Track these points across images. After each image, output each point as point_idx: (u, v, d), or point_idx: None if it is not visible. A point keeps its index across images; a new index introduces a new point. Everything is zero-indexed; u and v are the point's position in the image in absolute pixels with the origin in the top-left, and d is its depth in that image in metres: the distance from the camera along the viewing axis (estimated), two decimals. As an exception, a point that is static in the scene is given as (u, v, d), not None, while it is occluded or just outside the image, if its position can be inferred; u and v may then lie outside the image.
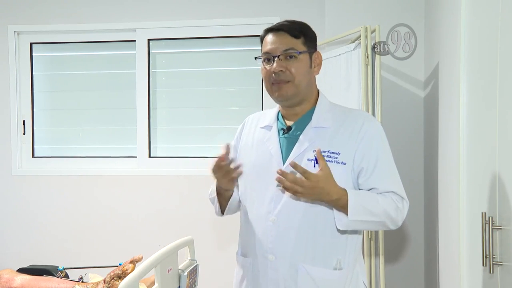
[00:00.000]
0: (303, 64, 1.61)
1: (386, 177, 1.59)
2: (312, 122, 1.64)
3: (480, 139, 1.75)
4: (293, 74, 1.59)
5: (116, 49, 3.65)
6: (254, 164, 1.67)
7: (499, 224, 1.57)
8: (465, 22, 1.82)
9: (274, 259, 1.60)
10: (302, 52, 1.60)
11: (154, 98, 3.59)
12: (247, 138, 1.76)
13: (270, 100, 3.38)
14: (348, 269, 1.61)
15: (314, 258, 1.58)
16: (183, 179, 3.48)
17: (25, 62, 3.68)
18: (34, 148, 3.70)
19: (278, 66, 1.59)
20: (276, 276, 1.60)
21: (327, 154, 1.58)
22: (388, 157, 1.62)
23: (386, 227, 1.59)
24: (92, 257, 3.30)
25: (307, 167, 1.55)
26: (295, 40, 1.61)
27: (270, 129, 1.70)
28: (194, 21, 3.47)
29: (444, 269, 2.34)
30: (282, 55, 1.59)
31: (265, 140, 1.69)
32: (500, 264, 1.54)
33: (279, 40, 1.61)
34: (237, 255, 1.79)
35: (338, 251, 1.59)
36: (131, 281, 1.47)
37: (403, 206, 1.59)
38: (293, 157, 1.60)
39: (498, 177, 1.61)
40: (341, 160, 1.58)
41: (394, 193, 1.58)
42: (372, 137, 1.60)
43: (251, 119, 1.81)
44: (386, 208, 1.55)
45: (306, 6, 3.33)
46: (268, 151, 1.66)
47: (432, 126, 2.73)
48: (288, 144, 1.65)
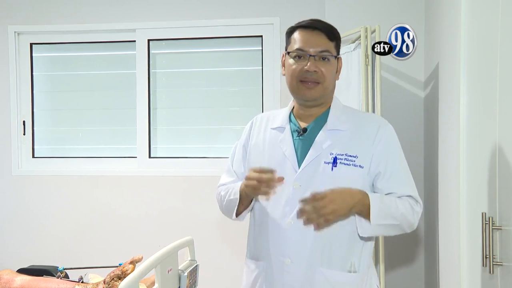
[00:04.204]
0: (333, 68, 1.62)
1: (403, 181, 1.60)
2: (328, 124, 1.62)
3: (480, 139, 1.75)
4: (325, 77, 1.59)
5: (116, 49, 3.65)
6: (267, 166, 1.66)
7: (499, 224, 1.57)
8: (465, 22, 1.82)
9: (290, 262, 1.58)
10: (335, 56, 1.62)
11: (154, 98, 3.59)
12: (257, 138, 1.72)
13: (270, 101, 3.42)
14: (363, 272, 1.60)
15: (330, 261, 1.57)
16: (183, 180, 3.48)
17: (25, 62, 3.68)
18: (34, 149, 3.70)
19: (313, 66, 1.57)
20: (292, 280, 1.58)
21: (344, 157, 1.57)
22: (403, 161, 1.63)
23: (403, 231, 1.60)
24: (92, 257, 3.30)
25: (324, 170, 1.55)
26: (330, 43, 1.60)
27: (283, 130, 1.67)
28: (194, 21, 3.47)
29: (444, 269, 2.34)
30: (318, 56, 1.58)
31: (278, 141, 1.66)
32: (500, 264, 1.54)
33: (316, 39, 1.59)
34: (246, 259, 1.74)
35: (353, 255, 1.59)
36: (131, 282, 1.47)
37: (418, 210, 1.60)
38: (310, 160, 1.58)
39: (498, 177, 1.61)
40: (359, 163, 1.57)
41: (411, 197, 1.59)
42: (388, 142, 1.61)
43: (260, 119, 1.77)
44: (404, 211, 1.55)
45: (306, 6, 3.33)
46: (282, 153, 1.63)
47: (432, 126, 2.73)
48: (303, 146, 1.62)
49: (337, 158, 1.56)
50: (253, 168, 1.54)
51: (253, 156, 1.71)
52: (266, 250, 1.63)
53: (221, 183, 1.80)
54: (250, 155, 1.72)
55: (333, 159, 1.55)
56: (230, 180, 1.76)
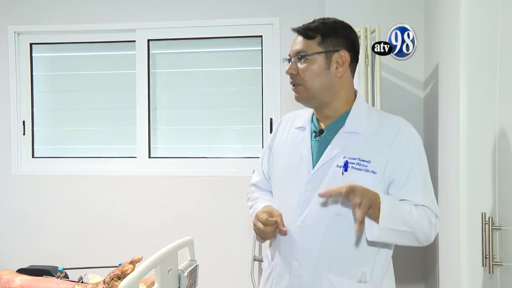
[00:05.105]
0: (315, 66, 1.54)
1: (418, 191, 1.50)
2: (345, 127, 1.56)
3: (480, 139, 1.75)
4: (303, 77, 1.55)
5: (116, 49, 3.65)
6: (286, 167, 1.64)
7: (499, 224, 1.57)
8: (465, 22, 1.82)
9: (297, 265, 1.56)
10: (312, 54, 1.53)
11: (154, 98, 3.59)
12: (281, 137, 1.71)
13: (270, 101, 3.42)
14: (375, 282, 1.53)
15: (338, 268, 1.52)
16: (183, 180, 3.48)
17: (25, 62, 3.68)
18: (34, 149, 3.70)
19: (289, 69, 1.58)
20: (299, 284, 1.56)
21: (357, 161, 1.51)
22: (422, 170, 1.53)
23: (417, 242, 1.48)
24: (92, 257, 3.30)
25: (335, 174, 1.52)
26: (308, 42, 1.55)
27: (304, 130, 1.65)
28: (194, 21, 3.47)
29: (444, 269, 2.34)
30: (295, 58, 1.57)
31: (297, 141, 1.64)
32: (500, 264, 1.54)
33: (294, 42, 1.58)
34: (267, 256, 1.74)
35: (365, 264, 1.52)
36: (131, 282, 1.47)
37: (436, 222, 1.50)
38: (323, 163, 1.55)
39: (498, 177, 1.61)
40: (371, 168, 1.50)
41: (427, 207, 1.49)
42: (406, 147, 1.52)
43: (287, 118, 1.76)
44: (419, 220, 1.45)
45: (306, 6, 3.33)
46: (299, 154, 1.61)
47: (432, 126, 2.73)
48: (320, 147, 1.58)
49: (349, 162, 1.51)
50: (259, 216, 1.57)
51: (276, 155, 1.71)
52: (278, 251, 1.63)
53: (251, 182, 1.83)
54: (274, 155, 1.72)
55: (344, 163, 1.51)
56: (258, 180, 1.80)
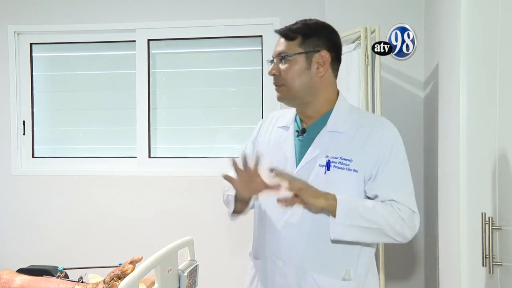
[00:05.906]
0: (296, 66, 1.56)
1: (388, 185, 1.50)
2: (327, 126, 1.58)
3: (480, 139, 1.75)
4: (284, 78, 1.57)
5: (116, 49, 3.65)
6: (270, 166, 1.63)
7: (499, 224, 1.57)
8: (465, 22, 1.82)
9: (282, 264, 1.57)
10: (292, 55, 1.56)
11: (154, 98, 3.59)
12: (265, 136, 1.72)
13: (270, 101, 3.42)
14: (359, 280, 1.55)
15: (322, 267, 1.53)
16: (183, 180, 3.48)
17: (25, 62, 3.68)
18: (34, 149, 3.70)
19: (271, 70, 1.61)
20: (284, 282, 1.57)
21: (339, 160, 1.52)
22: (399, 166, 1.54)
23: (389, 238, 1.48)
24: (92, 257, 3.30)
25: (318, 173, 1.52)
26: (289, 43, 1.58)
27: (288, 129, 1.66)
28: (194, 21, 3.47)
29: (444, 269, 2.34)
30: (277, 59, 1.59)
31: (281, 141, 1.65)
32: (500, 264, 1.54)
33: (277, 44, 1.62)
34: (250, 256, 1.75)
35: (348, 262, 1.54)
36: (131, 282, 1.47)
37: (409, 218, 1.49)
38: (305, 162, 1.56)
39: (498, 177, 1.61)
40: (353, 167, 1.51)
41: (396, 201, 1.49)
42: (386, 145, 1.53)
43: (271, 117, 1.77)
44: (386, 215, 1.46)
45: (306, 6, 3.33)
46: (283, 154, 1.62)
47: (432, 126, 2.73)
48: (302, 147, 1.60)
49: (331, 162, 1.53)
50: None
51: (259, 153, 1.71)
52: (263, 250, 1.64)
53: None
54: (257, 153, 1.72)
55: (326, 162, 1.53)
56: None
